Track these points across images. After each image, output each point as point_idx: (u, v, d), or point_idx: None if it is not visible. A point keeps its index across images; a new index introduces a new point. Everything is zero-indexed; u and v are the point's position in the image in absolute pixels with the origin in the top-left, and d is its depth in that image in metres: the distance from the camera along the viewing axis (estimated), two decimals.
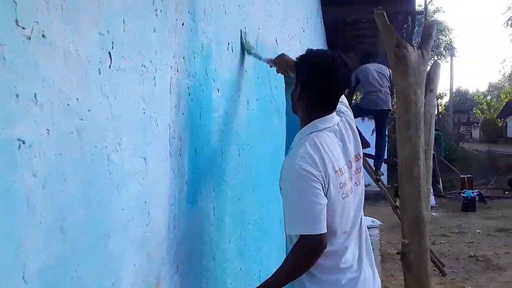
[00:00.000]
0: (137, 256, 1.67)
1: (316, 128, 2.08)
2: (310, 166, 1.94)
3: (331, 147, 2.05)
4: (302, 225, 1.96)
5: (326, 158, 1.99)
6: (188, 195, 2.09)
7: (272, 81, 3.59)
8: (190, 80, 2.08)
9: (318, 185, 1.94)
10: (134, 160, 1.63)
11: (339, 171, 2.04)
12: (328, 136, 2.09)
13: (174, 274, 1.96)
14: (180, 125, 1.99)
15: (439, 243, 8.80)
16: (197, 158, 2.17)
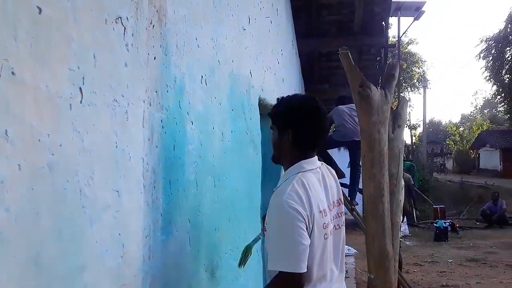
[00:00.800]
0: (112, 287, 1.67)
1: (302, 169, 2.16)
2: (297, 204, 1.99)
3: (316, 188, 2.12)
4: (284, 262, 1.98)
5: (312, 198, 2.04)
6: (163, 226, 2.10)
7: (247, 113, 3.64)
8: (163, 113, 2.11)
9: (302, 225, 1.97)
10: (107, 193, 1.64)
11: (323, 212, 2.09)
12: (313, 178, 2.16)
13: None
14: (154, 158, 2.01)
15: (412, 272, 8.86)
16: (171, 190, 2.18)
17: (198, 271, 2.55)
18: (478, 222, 17.37)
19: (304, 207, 2.00)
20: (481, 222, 17.09)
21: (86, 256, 1.50)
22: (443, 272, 8.80)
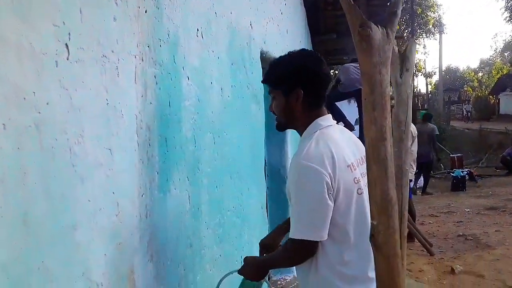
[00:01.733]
0: (107, 246, 1.71)
1: (320, 126, 2.05)
2: (316, 164, 1.88)
3: (339, 142, 2.02)
4: (305, 230, 1.92)
5: (335, 153, 1.94)
6: (160, 184, 2.13)
7: (248, 66, 3.63)
8: (156, 68, 2.11)
9: (323, 186, 1.88)
10: (98, 151, 1.66)
11: (351, 166, 1.99)
12: (334, 131, 2.08)
13: (148, 263, 2.01)
14: (148, 114, 2.03)
15: (428, 223, 8.89)
16: (168, 147, 2.20)
17: (199, 228, 2.60)
18: (498, 169, 17.30)
19: (324, 165, 1.88)
20: (501, 169, 17.02)
21: (77, 215, 1.54)
22: (460, 222, 8.79)
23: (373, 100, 1.56)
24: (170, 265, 2.21)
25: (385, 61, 1.55)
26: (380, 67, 1.55)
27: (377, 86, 1.56)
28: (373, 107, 1.56)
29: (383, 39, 1.56)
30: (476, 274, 5.76)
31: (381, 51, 1.54)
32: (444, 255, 6.68)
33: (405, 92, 3.21)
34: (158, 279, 2.10)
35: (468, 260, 6.34)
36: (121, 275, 1.79)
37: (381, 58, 1.55)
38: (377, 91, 1.56)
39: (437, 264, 6.31)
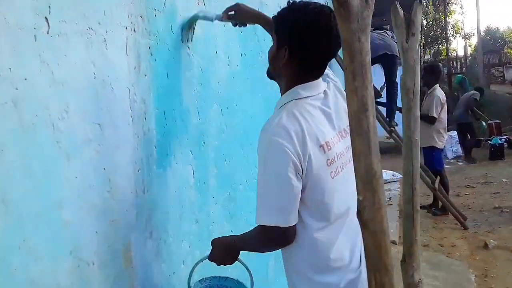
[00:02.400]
0: (99, 223, 1.73)
1: (297, 95, 1.89)
2: (284, 141, 1.75)
3: (313, 118, 1.85)
4: (271, 215, 1.80)
5: (306, 131, 1.79)
6: (159, 159, 2.14)
7: (259, 33, 3.58)
8: (151, 39, 2.11)
9: (292, 168, 1.75)
10: (86, 127, 1.68)
11: (325, 146, 1.84)
12: (311, 105, 1.88)
13: (147, 240, 2.04)
14: (143, 87, 2.03)
15: (463, 195, 8.78)
16: (166, 120, 2.21)
17: (206, 203, 2.62)
18: None
19: (293, 143, 1.75)
20: None
21: (63, 192, 1.56)
22: (496, 194, 8.68)
23: (353, 69, 1.52)
24: (172, 242, 2.24)
25: (364, 28, 1.51)
26: (359, 34, 1.51)
27: (356, 55, 1.52)
28: (353, 77, 1.52)
29: (362, 4, 1.51)
30: (510, 249, 5.70)
31: (359, 18, 1.50)
32: (478, 229, 6.63)
33: (412, 57, 3.13)
34: (159, 256, 2.13)
35: (503, 234, 6.28)
36: (115, 253, 1.82)
37: (360, 24, 1.51)
38: (357, 59, 1.52)
39: (471, 238, 6.26)
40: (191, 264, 2.35)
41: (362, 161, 1.56)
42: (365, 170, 1.56)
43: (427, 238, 6.23)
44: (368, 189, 1.57)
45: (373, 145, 1.57)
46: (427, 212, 7.54)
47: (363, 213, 1.58)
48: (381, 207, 1.59)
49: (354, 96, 1.54)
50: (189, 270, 2.25)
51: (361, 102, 1.54)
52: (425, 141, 7.37)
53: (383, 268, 1.61)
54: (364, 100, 1.54)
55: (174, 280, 2.24)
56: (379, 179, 1.59)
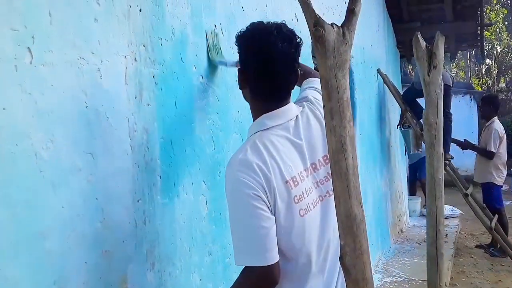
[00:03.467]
0: (89, 254, 1.74)
1: (263, 126, 1.81)
2: (249, 176, 1.67)
3: (279, 152, 1.75)
4: (246, 254, 1.69)
5: (270, 165, 1.70)
6: (164, 189, 2.16)
7: None
8: (156, 68, 2.14)
9: (259, 202, 1.66)
10: (75, 156, 1.71)
11: (291, 182, 1.73)
12: (278, 136, 1.79)
13: (147, 272, 2.04)
14: (145, 117, 2.06)
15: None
16: (174, 150, 2.23)
17: (223, 235, 2.60)
18: None
19: (259, 179, 1.66)
20: None
21: (46, 221, 1.58)
22: None
23: (330, 108, 1.49)
24: (179, 274, 2.24)
25: (341, 64, 1.48)
26: (336, 70, 1.48)
27: (333, 92, 1.48)
28: (331, 116, 1.49)
29: (338, 39, 1.49)
30: None
31: (336, 53, 1.47)
32: None
33: (434, 92, 3.08)
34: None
35: None
36: (108, 285, 1.83)
37: (337, 60, 1.48)
38: (333, 97, 1.49)
39: None
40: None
41: (342, 205, 1.51)
42: (345, 214, 1.52)
43: (481, 281, 5.97)
44: (348, 233, 1.52)
45: (353, 187, 1.52)
46: (485, 252, 7.24)
47: (345, 260, 1.54)
48: (363, 253, 1.54)
49: (332, 136, 1.50)
50: None
51: (339, 142, 1.50)
52: (483, 177, 7.14)
53: None
54: (341, 140, 1.50)
55: None
56: (360, 223, 1.53)
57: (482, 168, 7.19)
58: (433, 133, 2.94)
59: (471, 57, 28.19)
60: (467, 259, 6.90)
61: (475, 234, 8.38)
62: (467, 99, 16.53)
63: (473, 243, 7.79)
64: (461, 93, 16.25)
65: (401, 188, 8.51)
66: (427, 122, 2.99)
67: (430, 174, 3.03)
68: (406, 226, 8.46)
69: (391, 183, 7.54)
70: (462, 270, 6.36)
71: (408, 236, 7.76)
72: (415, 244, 7.30)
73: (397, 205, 7.89)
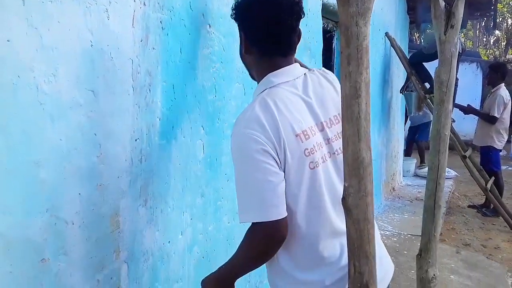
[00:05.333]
0: (83, 186, 1.75)
1: (270, 84, 1.75)
2: (257, 132, 1.60)
3: (288, 106, 1.69)
4: (252, 210, 1.61)
5: (279, 120, 1.64)
6: (162, 130, 2.14)
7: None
8: (164, 14, 2.10)
9: (267, 157, 1.60)
10: (76, 92, 1.69)
11: (302, 135, 1.67)
12: (286, 91, 1.73)
13: (140, 207, 2.05)
14: (149, 60, 2.03)
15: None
16: (175, 94, 2.20)
17: (216, 179, 2.61)
18: None
19: (267, 134, 1.60)
20: None
21: (43, 152, 1.58)
22: None
23: (348, 54, 1.45)
24: (171, 212, 2.25)
25: (364, 12, 1.44)
26: (357, 18, 1.44)
27: (353, 39, 1.45)
28: (348, 61, 1.45)
29: None
30: None
31: (359, 1, 1.43)
32: None
33: (449, 50, 3.01)
34: (153, 225, 2.14)
35: None
36: (101, 216, 1.84)
37: (359, 8, 1.44)
38: (353, 44, 1.45)
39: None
40: (191, 235, 2.36)
41: (350, 147, 1.50)
42: (353, 157, 1.50)
43: (470, 238, 6.00)
44: (354, 175, 1.51)
45: (363, 132, 1.49)
46: (477, 212, 7.27)
47: (347, 200, 1.52)
48: (367, 195, 1.52)
49: (347, 82, 1.47)
50: (188, 241, 2.25)
51: (354, 87, 1.47)
52: (483, 140, 7.10)
53: (364, 257, 1.55)
54: (357, 86, 1.47)
55: (168, 248, 2.25)
56: (367, 166, 1.52)
57: (483, 132, 7.14)
58: (444, 90, 2.89)
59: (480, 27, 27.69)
60: (458, 217, 6.93)
61: (468, 195, 8.41)
62: (473, 67, 16.31)
63: (465, 203, 7.82)
64: (468, 61, 16.02)
65: (397, 148, 8.49)
66: (438, 80, 2.93)
67: (436, 130, 3.00)
68: (399, 185, 8.48)
69: (388, 143, 7.51)
70: (452, 227, 6.39)
71: (400, 194, 7.78)
72: (406, 201, 7.33)
73: (391, 164, 7.89)
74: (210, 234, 2.56)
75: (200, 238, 2.48)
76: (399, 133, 8.63)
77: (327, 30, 4.80)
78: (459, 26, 2.91)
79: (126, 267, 1.99)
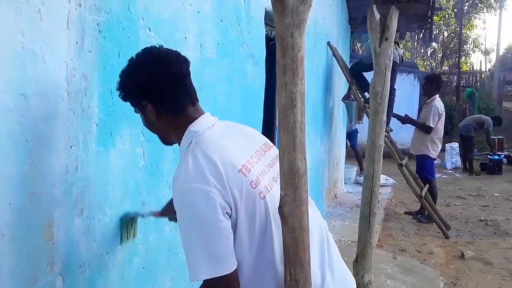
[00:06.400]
0: (13, 195, 1.64)
1: (195, 134, 1.72)
2: (199, 183, 1.56)
3: (221, 146, 1.69)
4: (203, 267, 1.56)
5: (219, 162, 1.61)
6: (100, 137, 2.06)
7: (244, 25, 3.50)
8: (101, 16, 2.02)
9: (215, 208, 1.55)
10: (6, 96, 1.59)
11: (243, 169, 1.65)
12: (213, 134, 1.73)
13: (75, 217, 1.95)
14: (85, 63, 1.95)
15: (453, 205, 8.70)
16: (113, 99, 2.12)
17: (158, 187, 2.54)
18: None
19: (210, 182, 1.56)
20: None
21: None
22: (486, 207, 8.54)
23: (284, 65, 1.45)
24: (109, 222, 2.16)
25: (299, 23, 1.44)
26: (293, 29, 1.44)
27: (288, 49, 1.45)
28: (284, 72, 1.45)
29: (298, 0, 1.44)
30: (485, 261, 5.62)
31: (294, 13, 1.43)
32: (460, 239, 6.55)
33: (383, 62, 3.05)
34: (90, 236, 2.04)
35: (481, 246, 6.18)
36: (33, 227, 1.73)
37: (294, 19, 1.43)
38: (288, 54, 1.45)
39: (450, 247, 6.17)
40: (131, 246, 2.29)
41: (286, 157, 1.50)
42: (288, 166, 1.51)
43: (406, 243, 6.11)
44: (290, 185, 1.52)
45: (299, 142, 1.50)
46: (413, 218, 7.43)
47: (284, 209, 1.54)
48: (302, 203, 1.54)
49: (283, 92, 1.47)
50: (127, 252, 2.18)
51: (289, 97, 1.48)
52: (419, 149, 7.28)
53: (299, 264, 1.58)
54: (292, 96, 1.48)
55: (107, 259, 2.15)
56: (303, 176, 1.53)
57: (419, 141, 7.32)
58: (379, 101, 2.92)
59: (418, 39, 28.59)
60: (395, 223, 7.04)
61: (405, 202, 8.60)
62: (411, 77, 16.79)
63: (402, 210, 7.98)
64: (406, 71, 16.46)
65: (339, 156, 8.58)
66: (373, 91, 2.96)
67: (372, 140, 3.03)
68: (341, 192, 8.57)
69: (330, 151, 7.58)
70: (389, 233, 6.49)
71: (341, 201, 7.86)
72: (347, 208, 7.41)
73: (333, 172, 7.96)
74: (151, 244, 2.48)
75: (141, 248, 2.40)
76: (341, 141, 8.74)
77: (271, 38, 4.79)
78: (393, 39, 2.96)
79: (61, 280, 1.89)
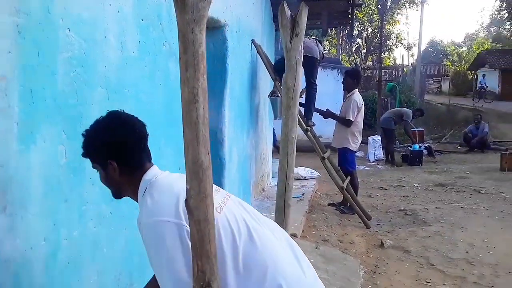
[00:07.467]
0: None
1: (149, 181, 1.98)
2: (165, 216, 1.79)
3: (176, 179, 1.98)
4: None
5: (177, 191, 1.86)
6: (21, 136, 2.10)
7: (166, 24, 3.57)
8: (20, 18, 2.06)
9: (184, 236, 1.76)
10: None
11: None
12: (165, 177, 2.01)
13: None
14: (3, 64, 1.98)
15: (375, 196, 9.06)
16: (33, 99, 2.16)
17: (81, 184, 2.58)
18: (459, 146, 17.66)
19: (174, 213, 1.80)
20: (462, 147, 17.37)
21: None
22: (406, 197, 8.97)
23: (186, 60, 1.54)
24: (32, 218, 2.20)
25: (199, 19, 1.53)
26: (193, 25, 1.53)
27: (189, 45, 1.54)
28: (186, 67, 1.54)
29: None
30: (404, 249, 5.90)
31: (194, 9, 1.52)
32: (380, 229, 6.83)
33: (294, 57, 3.22)
34: (14, 232, 2.08)
35: (400, 235, 6.49)
36: None
37: (194, 16, 1.53)
38: (189, 50, 1.54)
39: (370, 237, 6.43)
40: (55, 241, 2.33)
41: (190, 151, 1.57)
42: (192, 161, 1.58)
43: (328, 234, 6.34)
44: (194, 178, 1.58)
45: (202, 136, 1.58)
46: (336, 209, 7.68)
47: (189, 202, 1.60)
48: (207, 196, 1.61)
49: (186, 87, 1.55)
50: (51, 247, 2.22)
51: (191, 93, 1.55)
52: (340, 142, 7.51)
53: (206, 256, 1.62)
54: (194, 91, 1.55)
55: (30, 255, 2.19)
56: (206, 169, 1.60)
57: (340, 135, 7.54)
58: (290, 96, 3.07)
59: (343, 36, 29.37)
60: (319, 215, 7.26)
61: (330, 194, 8.87)
62: (334, 73, 17.24)
63: (326, 202, 8.23)
64: (330, 67, 16.89)
65: (266, 151, 8.75)
66: (285, 86, 3.10)
67: (285, 133, 3.17)
68: (268, 186, 8.74)
69: (256, 146, 7.72)
70: (313, 225, 6.70)
71: (269, 195, 8.03)
72: (274, 201, 7.55)
73: (261, 166, 8.12)
74: (75, 240, 2.53)
75: (65, 243, 2.44)
76: (267, 137, 8.90)
77: None
78: (303, 35, 3.11)
79: None
